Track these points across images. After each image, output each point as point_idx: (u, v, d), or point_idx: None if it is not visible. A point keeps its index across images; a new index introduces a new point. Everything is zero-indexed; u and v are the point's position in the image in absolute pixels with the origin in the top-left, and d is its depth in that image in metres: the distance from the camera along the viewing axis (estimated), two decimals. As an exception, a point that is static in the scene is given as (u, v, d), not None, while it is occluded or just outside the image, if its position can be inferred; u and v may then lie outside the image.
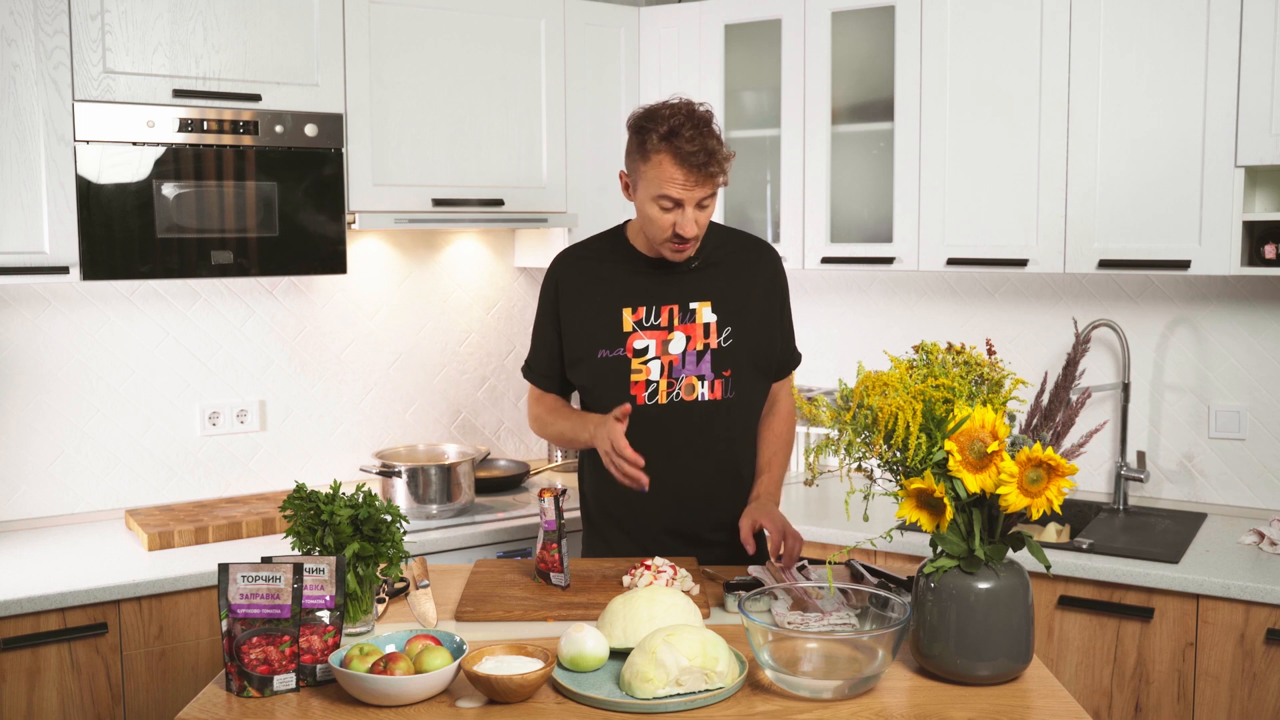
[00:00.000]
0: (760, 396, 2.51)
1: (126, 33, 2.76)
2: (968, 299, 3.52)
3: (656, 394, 2.40)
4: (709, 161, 2.26)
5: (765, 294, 2.49)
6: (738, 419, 2.45)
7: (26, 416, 3.03)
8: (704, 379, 2.41)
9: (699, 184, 2.28)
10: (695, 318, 2.42)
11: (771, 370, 2.52)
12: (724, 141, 2.32)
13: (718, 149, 2.28)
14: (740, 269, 2.48)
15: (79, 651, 2.55)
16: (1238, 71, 2.74)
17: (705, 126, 2.29)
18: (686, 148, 2.25)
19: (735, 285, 2.46)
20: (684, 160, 2.26)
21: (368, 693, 1.69)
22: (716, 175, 2.29)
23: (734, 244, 2.52)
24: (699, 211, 2.31)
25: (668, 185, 2.28)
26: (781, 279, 2.55)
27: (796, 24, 3.38)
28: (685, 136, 2.25)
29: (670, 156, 2.26)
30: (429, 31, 3.23)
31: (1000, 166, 3.08)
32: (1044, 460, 1.70)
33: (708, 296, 2.43)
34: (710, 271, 2.46)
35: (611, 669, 1.80)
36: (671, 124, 2.27)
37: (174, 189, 2.83)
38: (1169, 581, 2.59)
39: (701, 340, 2.41)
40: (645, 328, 2.42)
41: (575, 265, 2.51)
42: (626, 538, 2.49)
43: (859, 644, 1.79)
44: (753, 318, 2.45)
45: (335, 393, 3.49)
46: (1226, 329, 3.14)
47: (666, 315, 2.42)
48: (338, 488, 2.02)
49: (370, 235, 3.50)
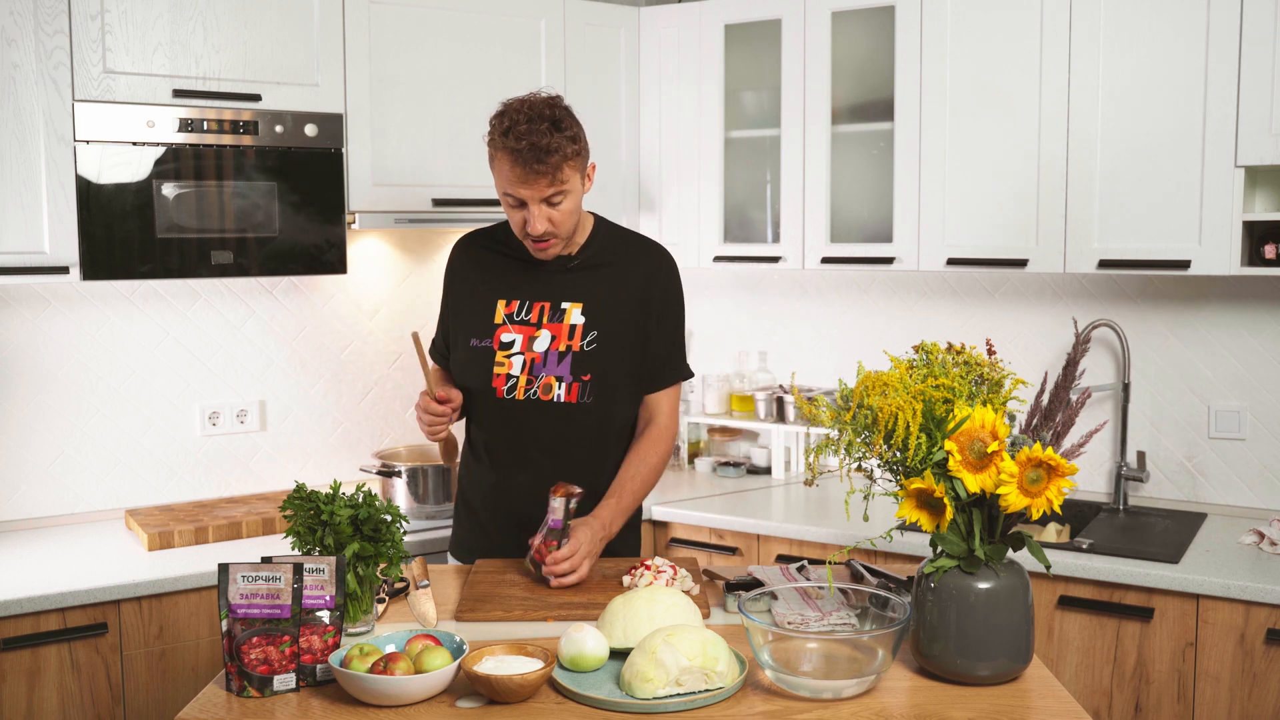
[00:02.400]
0: (625, 407, 2.46)
1: (126, 33, 2.76)
2: (968, 299, 3.52)
3: (515, 389, 2.40)
4: (540, 158, 2.21)
5: (642, 300, 2.44)
6: (594, 425, 2.42)
7: (26, 416, 3.03)
8: (562, 380, 2.39)
9: (535, 181, 2.24)
10: (564, 318, 2.41)
11: (643, 381, 2.47)
12: (574, 137, 2.27)
13: (556, 145, 2.22)
14: (621, 273, 2.44)
15: (79, 651, 2.55)
16: (1238, 71, 2.74)
17: (541, 123, 2.23)
18: (513, 145, 2.22)
19: (611, 289, 2.42)
20: (515, 157, 2.23)
21: (368, 693, 1.69)
22: (555, 170, 2.24)
23: (623, 247, 2.49)
24: (550, 209, 2.28)
25: (506, 183, 2.27)
26: (669, 286, 2.48)
27: (796, 24, 3.38)
28: (516, 134, 2.23)
29: (505, 154, 2.25)
30: (429, 31, 3.23)
31: (1000, 166, 3.08)
32: (1044, 460, 1.70)
33: (580, 298, 2.41)
34: (589, 273, 2.43)
35: (611, 669, 1.80)
36: (510, 120, 2.25)
37: (174, 189, 2.83)
38: (1169, 581, 2.59)
39: (565, 341, 2.39)
40: (515, 322, 2.42)
41: (468, 251, 2.54)
42: (483, 532, 2.51)
43: (859, 644, 1.79)
44: (623, 324, 2.41)
45: (335, 393, 3.50)
46: (1226, 329, 3.14)
47: (537, 312, 2.42)
48: (338, 488, 2.01)
49: (370, 235, 3.51)
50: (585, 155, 2.34)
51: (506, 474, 2.46)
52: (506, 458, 2.45)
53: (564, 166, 2.25)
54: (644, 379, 2.47)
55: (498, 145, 2.27)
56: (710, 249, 3.61)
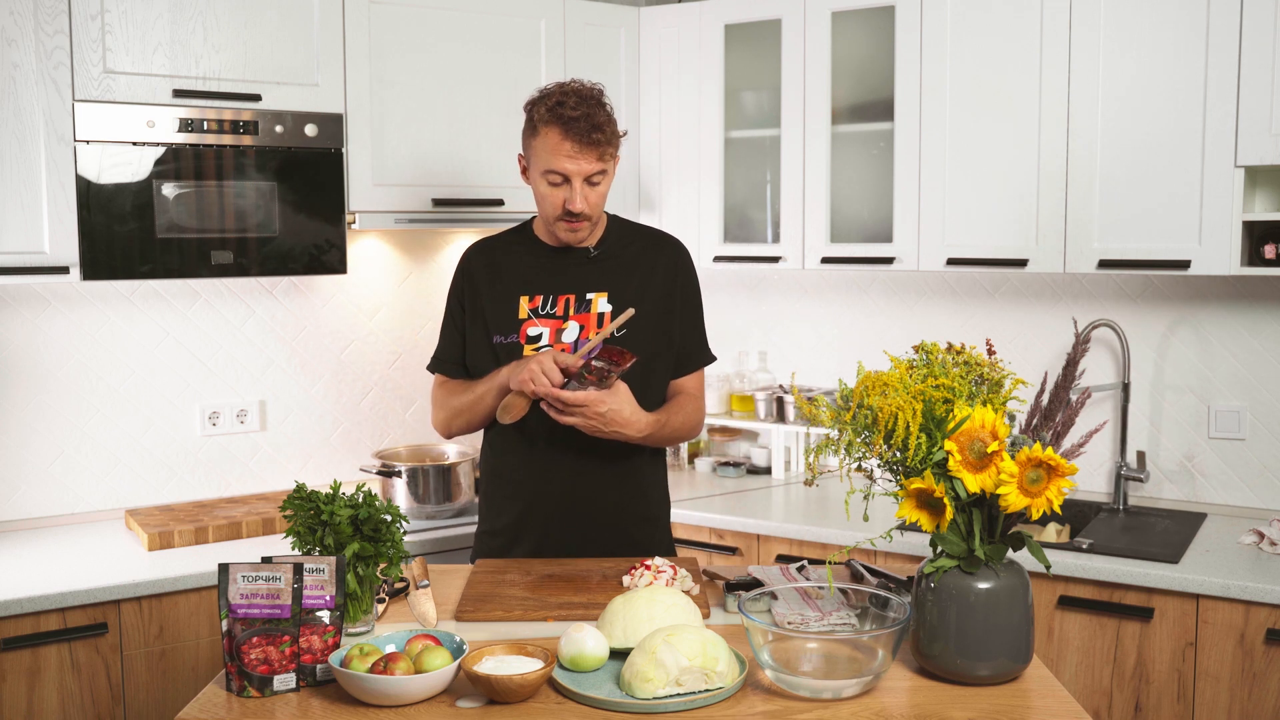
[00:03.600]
0: (653, 391, 2.47)
1: (126, 33, 2.76)
2: (968, 299, 3.52)
3: None
4: (593, 130, 2.29)
5: (664, 288, 2.48)
6: None
7: (26, 416, 3.03)
8: None
9: (585, 155, 2.30)
10: (591, 308, 2.43)
11: (670, 365, 2.50)
12: (614, 120, 2.35)
13: (605, 122, 2.31)
14: (641, 262, 2.48)
15: (79, 651, 2.55)
16: (1238, 71, 2.74)
17: (593, 101, 2.32)
18: (570, 114, 2.29)
19: (633, 277, 2.46)
20: (569, 129, 2.29)
21: (368, 693, 1.69)
22: (603, 146, 2.31)
23: (638, 238, 2.53)
24: (589, 188, 2.34)
25: (554, 157, 2.31)
26: (686, 274, 2.53)
27: (796, 24, 3.38)
28: (570, 105, 2.29)
29: (557, 127, 2.30)
30: (429, 31, 3.23)
31: (1000, 166, 3.08)
32: (1044, 460, 1.70)
33: (604, 287, 2.44)
34: (610, 263, 2.47)
35: (611, 669, 1.80)
36: (558, 97, 2.31)
37: (174, 189, 2.83)
38: (1169, 581, 2.59)
39: (594, 330, 2.42)
40: (540, 315, 2.43)
41: (480, 256, 2.55)
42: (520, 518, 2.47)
43: (859, 644, 1.79)
44: (650, 311, 2.44)
45: (335, 393, 3.49)
46: (1226, 329, 3.14)
47: (562, 304, 2.44)
48: (338, 488, 2.01)
49: (370, 235, 3.50)
50: (619, 147, 2.40)
51: (546, 467, 2.42)
52: (545, 451, 2.42)
53: (609, 147, 2.33)
54: (673, 362, 2.50)
55: (548, 119, 2.31)
56: (710, 249, 3.61)
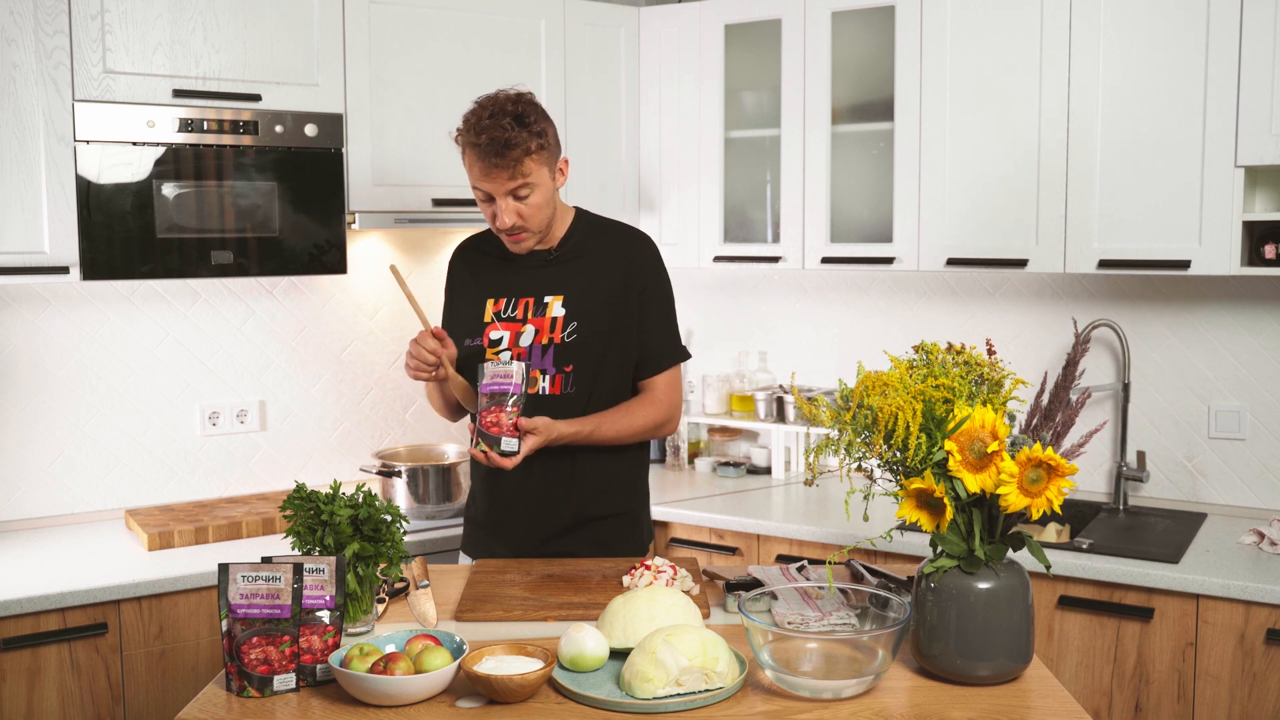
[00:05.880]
0: (611, 394, 2.46)
1: (126, 33, 2.76)
2: (968, 299, 3.52)
3: None
4: (503, 148, 2.26)
5: (623, 287, 2.45)
6: (577, 414, 2.41)
7: (26, 416, 3.03)
8: (546, 373, 2.42)
9: (497, 174, 2.29)
10: (547, 311, 2.44)
11: (626, 363, 2.47)
12: (539, 132, 2.30)
13: (517, 139, 2.26)
14: (600, 263, 2.46)
15: (79, 651, 2.55)
16: (1238, 71, 2.74)
17: (503, 118, 2.27)
18: (474, 139, 2.29)
19: (589, 279, 2.45)
20: (477, 152, 2.29)
21: (368, 693, 1.69)
22: (516, 163, 2.28)
23: (602, 237, 2.51)
24: (517, 203, 2.33)
25: (472, 177, 2.33)
26: (652, 271, 2.49)
27: (796, 24, 3.38)
28: (479, 128, 2.28)
29: (469, 149, 2.32)
30: (429, 31, 3.23)
31: (1000, 166, 3.08)
32: (1044, 460, 1.70)
33: (560, 290, 2.44)
34: (569, 265, 2.46)
35: (611, 669, 1.80)
36: (475, 116, 2.31)
37: (174, 189, 2.83)
38: (1169, 581, 2.59)
39: (548, 334, 2.42)
40: (502, 319, 2.45)
41: (462, 256, 2.60)
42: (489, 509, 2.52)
43: (859, 644, 1.79)
44: (603, 313, 2.43)
45: (335, 393, 3.50)
46: (1226, 329, 3.14)
47: (522, 308, 2.45)
48: (338, 488, 2.02)
49: (370, 235, 3.50)
50: (553, 150, 2.36)
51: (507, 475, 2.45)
52: None
53: (525, 161, 2.29)
54: (638, 365, 2.48)
55: (463, 140, 2.33)
56: (710, 249, 3.61)
